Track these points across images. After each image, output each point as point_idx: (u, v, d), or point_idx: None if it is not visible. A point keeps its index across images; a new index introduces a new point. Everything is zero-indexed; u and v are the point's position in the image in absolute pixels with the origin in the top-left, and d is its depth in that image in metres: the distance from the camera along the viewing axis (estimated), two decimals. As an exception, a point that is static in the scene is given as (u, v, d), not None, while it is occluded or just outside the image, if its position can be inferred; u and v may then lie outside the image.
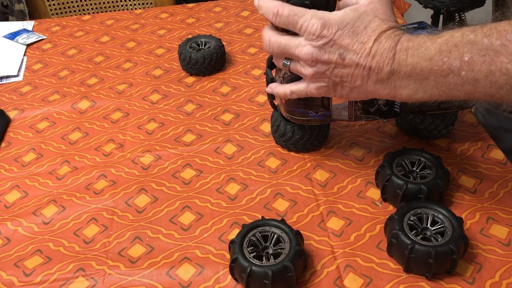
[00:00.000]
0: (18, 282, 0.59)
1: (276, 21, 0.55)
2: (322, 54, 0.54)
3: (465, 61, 0.49)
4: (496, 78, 0.47)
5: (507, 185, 0.67)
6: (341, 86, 0.56)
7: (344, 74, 0.54)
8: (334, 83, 0.56)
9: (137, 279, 0.59)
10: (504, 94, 0.48)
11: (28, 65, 0.98)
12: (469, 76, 0.49)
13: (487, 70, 0.48)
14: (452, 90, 0.51)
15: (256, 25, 1.05)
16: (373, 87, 0.54)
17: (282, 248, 0.56)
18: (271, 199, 0.67)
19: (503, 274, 0.56)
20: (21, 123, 0.84)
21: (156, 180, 0.71)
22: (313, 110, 0.66)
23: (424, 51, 0.51)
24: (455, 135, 0.75)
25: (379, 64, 0.52)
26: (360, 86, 0.55)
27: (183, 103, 0.85)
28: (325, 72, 0.55)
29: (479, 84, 0.49)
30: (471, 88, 0.50)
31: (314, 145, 0.73)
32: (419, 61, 0.51)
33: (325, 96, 0.60)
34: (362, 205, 0.65)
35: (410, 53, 0.51)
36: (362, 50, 0.53)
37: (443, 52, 0.50)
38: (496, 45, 0.47)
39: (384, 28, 0.53)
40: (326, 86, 0.56)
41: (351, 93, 0.56)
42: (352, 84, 0.55)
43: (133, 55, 0.99)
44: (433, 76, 0.51)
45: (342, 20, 0.53)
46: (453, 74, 0.49)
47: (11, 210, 0.69)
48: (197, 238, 0.63)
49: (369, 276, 0.57)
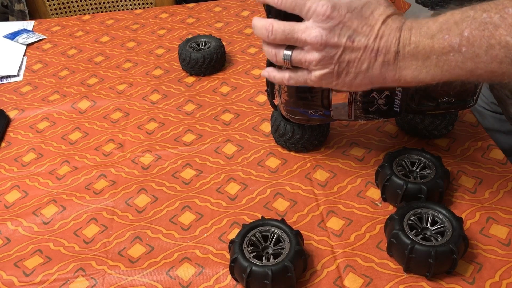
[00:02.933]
0: (18, 282, 0.59)
1: (281, 4, 0.54)
2: (331, 36, 0.53)
3: (465, 36, 0.49)
4: (496, 52, 0.48)
5: (507, 185, 0.67)
6: (345, 73, 0.55)
7: (352, 58, 0.54)
8: (339, 70, 0.55)
9: (137, 279, 0.59)
10: (505, 69, 0.49)
11: (28, 65, 0.98)
12: (470, 52, 0.49)
13: (487, 44, 0.48)
14: (454, 68, 0.51)
15: (256, 25, 1.05)
16: (379, 70, 0.54)
17: (282, 248, 0.56)
18: (271, 199, 0.67)
19: (503, 274, 0.56)
20: (21, 123, 0.84)
21: (156, 180, 0.71)
22: (313, 109, 0.65)
23: (426, 30, 0.52)
24: (455, 135, 0.75)
25: (387, 44, 0.53)
26: (366, 71, 0.54)
27: (183, 103, 0.85)
28: (333, 57, 0.54)
29: (480, 60, 0.49)
30: (473, 65, 0.50)
31: (314, 145, 0.73)
32: (422, 40, 0.52)
33: (325, 87, 0.59)
34: (362, 205, 0.65)
35: (413, 32, 0.52)
36: (371, 32, 0.53)
37: (443, 30, 0.51)
38: (495, 18, 0.48)
39: (390, 13, 0.54)
40: (330, 73, 0.55)
41: (354, 80, 0.55)
42: (358, 69, 0.54)
43: (133, 55, 0.99)
44: (435, 54, 0.51)
45: (350, 4, 0.53)
46: (454, 51, 0.50)
47: (11, 210, 0.69)
48: (197, 238, 0.63)
49: (369, 276, 0.57)
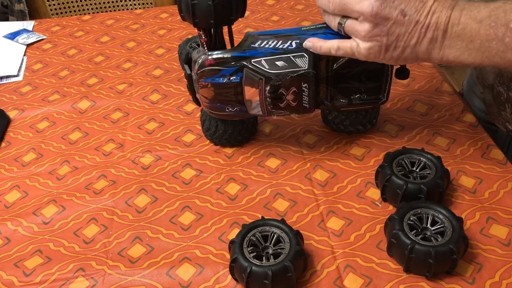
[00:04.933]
0: (18, 282, 0.59)
1: None
2: (383, 8, 0.55)
3: (510, 28, 0.51)
4: None
5: (507, 185, 0.67)
6: (394, 47, 0.57)
7: (402, 32, 0.56)
8: (388, 43, 0.57)
9: (137, 279, 0.59)
10: None
11: (28, 65, 0.98)
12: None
13: None
14: (495, 56, 0.53)
15: (256, 25, 1.05)
16: (426, 46, 0.56)
17: (282, 248, 0.56)
18: (271, 199, 0.67)
19: (503, 274, 0.56)
20: (21, 123, 0.84)
21: (156, 180, 0.71)
22: (230, 105, 0.67)
23: (476, 13, 0.53)
24: (455, 135, 0.75)
25: (437, 21, 0.54)
26: (414, 46, 0.56)
27: (183, 103, 0.85)
28: (383, 29, 0.56)
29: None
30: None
31: (239, 141, 0.75)
32: (470, 22, 0.53)
33: (371, 61, 0.60)
34: (362, 205, 0.65)
35: (464, 13, 0.54)
36: (423, 8, 0.55)
37: (492, 16, 0.52)
38: None
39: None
40: (378, 46, 0.57)
41: (402, 54, 0.57)
42: (406, 43, 0.56)
43: (133, 55, 0.99)
44: (479, 39, 0.53)
45: None
46: (497, 40, 0.52)
47: (11, 210, 0.69)
48: (197, 238, 0.63)
49: (369, 276, 0.57)
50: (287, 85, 0.63)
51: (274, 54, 0.63)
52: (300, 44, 0.63)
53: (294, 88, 0.64)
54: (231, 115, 0.69)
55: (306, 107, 0.66)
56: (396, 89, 0.84)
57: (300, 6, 1.11)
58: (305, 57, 0.63)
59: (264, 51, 0.63)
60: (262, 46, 0.64)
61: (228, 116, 0.69)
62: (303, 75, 0.62)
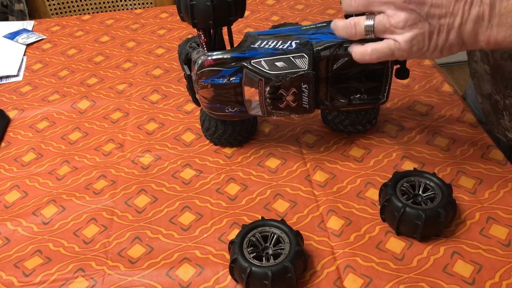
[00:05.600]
0: (17, 282, 0.59)
1: None
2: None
3: None
4: None
5: (507, 185, 0.67)
6: (437, 32, 0.51)
7: (442, 13, 0.50)
8: (430, 28, 0.51)
9: (136, 280, 0.59)
10: None
11: (28, 65, 0.98)
12: None
13: None
14: None
15: (256, 25, 1.05)
16: (472, 26, 0.50)
17: (282, 249, 0.56)
18: (271, 199, 0.67)
19: (503, 275, 0.56)
20: (21, 123, 0.84)
21: (156, 180, 0.71)
22: (229, 105, 0.67)
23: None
24: (455, 135, 0.75)
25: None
26: (459, 27, 0.50)
27: (183, 103, 0.85)
28: (422, 14, 0.50)
29: None
30: None
31: (238, 140, 0.75)
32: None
33: (403, 59, 0.55)
34: (362, 206, 0.65)
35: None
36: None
37: None
38: None
39: None
40: (421, 35, 0.51)
41: (447, 40, 0.52)
42: (450, 25, 0.50)
43: (133, 55, 0.99)
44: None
45: None
46: None
47: (11, 210, 0.69)
48: (196, 239, 0.63)
49: (369, 276, 0.57)
50: (287, 86, 0.63)
51: (273, 54, 0.63)
52: (300, 44, 0.63)
53: (294, 89, 0.64)
54: (231, 115, 0.69)
55: (306, 107, 0.66)
56: (396, 89, 0.84)
57: (300, 6, 1.11)
58: (305, 58, 0.62)
59: (264, 52, 0.63)
60: (261, 46, 0.64)
61: (227, 117, 0.69)
62: (303, 76, 0.62)
